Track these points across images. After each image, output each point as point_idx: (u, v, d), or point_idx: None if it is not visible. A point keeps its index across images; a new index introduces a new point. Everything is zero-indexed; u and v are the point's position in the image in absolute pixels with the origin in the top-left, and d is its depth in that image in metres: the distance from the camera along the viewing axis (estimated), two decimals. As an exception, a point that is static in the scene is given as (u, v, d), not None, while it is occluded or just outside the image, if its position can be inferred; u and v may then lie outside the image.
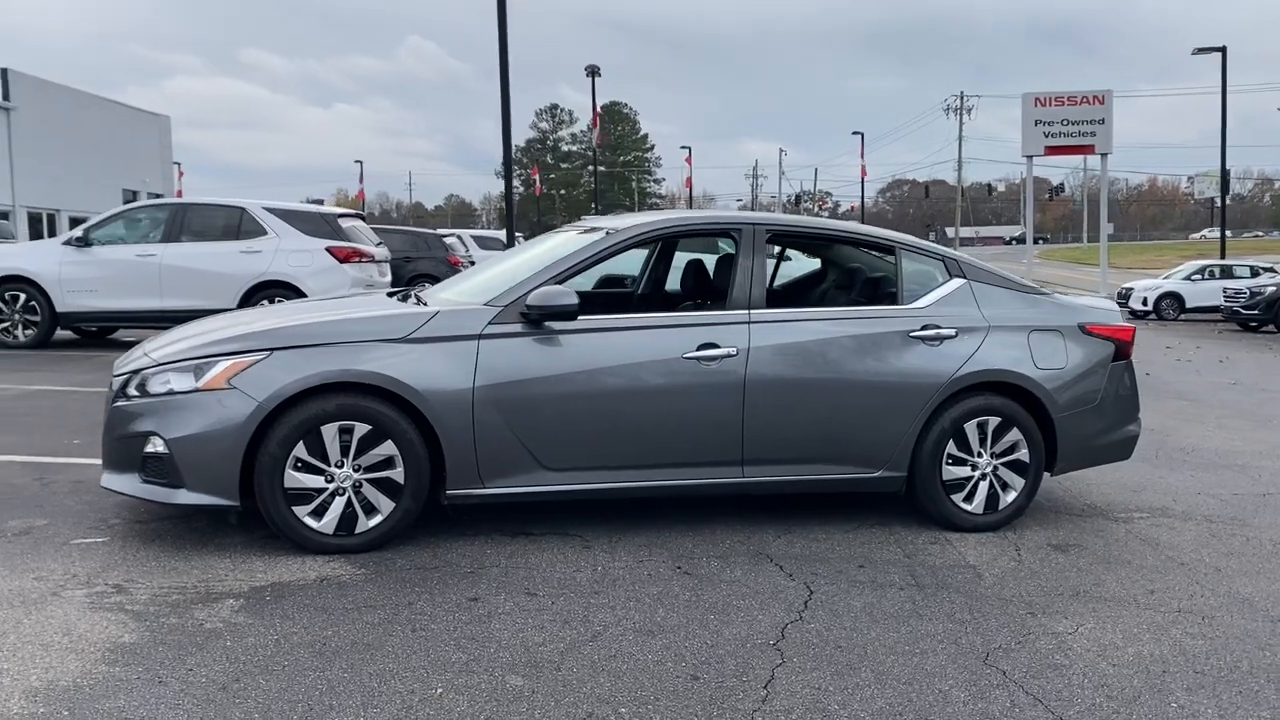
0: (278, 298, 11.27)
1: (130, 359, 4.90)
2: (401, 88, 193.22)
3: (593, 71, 38.38)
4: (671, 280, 6.63)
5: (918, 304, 5.31)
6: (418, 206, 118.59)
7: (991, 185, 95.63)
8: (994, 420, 5.27)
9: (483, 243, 24.23)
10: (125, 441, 4.59)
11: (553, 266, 4.97)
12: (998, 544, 5.14)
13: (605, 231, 5.24)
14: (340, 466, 4.54)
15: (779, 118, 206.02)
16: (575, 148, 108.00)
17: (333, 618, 3.89)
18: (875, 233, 5.75)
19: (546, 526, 5.11)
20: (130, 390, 4.64)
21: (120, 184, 46.79)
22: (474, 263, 20.56)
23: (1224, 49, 31.37)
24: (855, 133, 56.93)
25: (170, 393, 4.52)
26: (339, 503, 4.55)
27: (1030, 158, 34.04)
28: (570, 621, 3.94)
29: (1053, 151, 33.99)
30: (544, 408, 4.73)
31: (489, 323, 4.73)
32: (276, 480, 4.46)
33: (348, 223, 12.76)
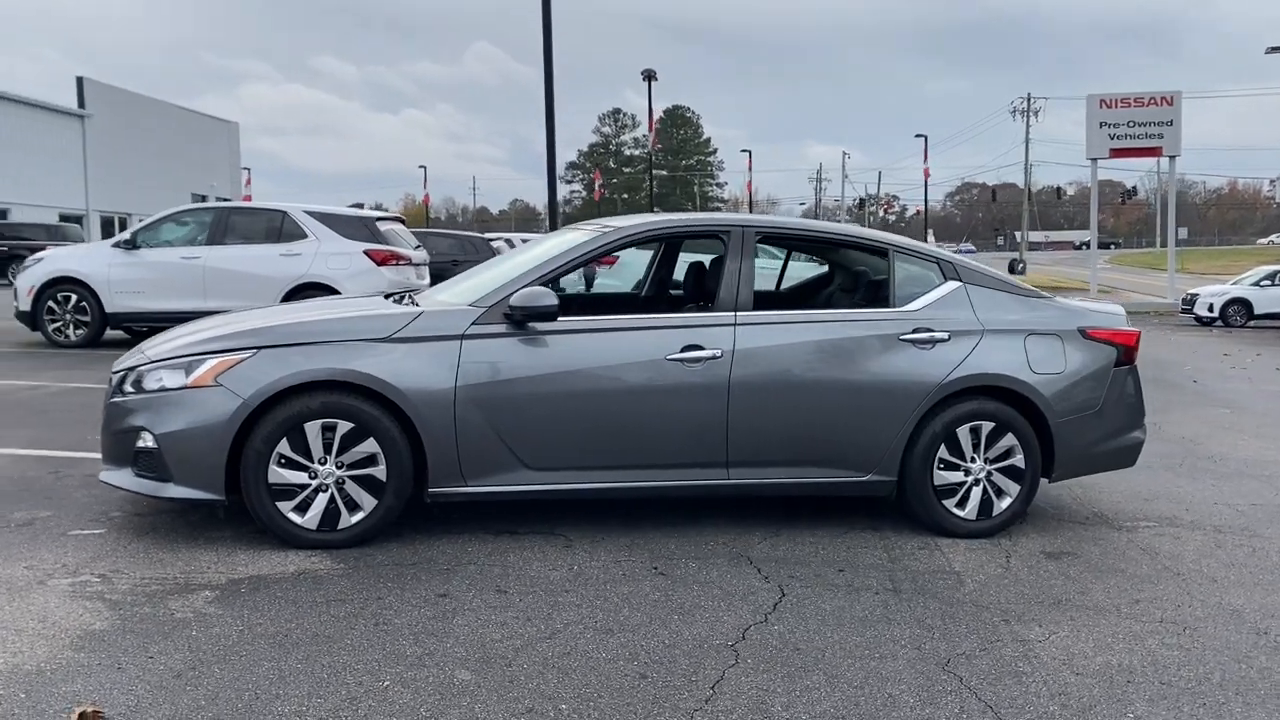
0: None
1: (129, 357, 5.05)
2: (467, 93, 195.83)
3: (649, 75, 38.49)
4: (676, 283, 6.65)
5: (910, 307, 5.26)
6: (482, 211, 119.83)
7: (1061, 189, 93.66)
8: (988, 425, 5.20)
9: (532, 246, 24.35)
10: (119, 436, 4.74)
11: (539, 268, 5.02)
12: (988, 551, 5.07)
13: (594, 233, 5.28)
14: (323, 463, 4.63)
15: (844, 121, 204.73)
16: (637, 152, 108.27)
17: (301, 610, 3.97)
18: (868, 235, 5.71)
19: (532, 525, 5.16)
20: (126, 387, 4.78)
21: (190, 188, 48.04)
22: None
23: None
24: (918, 135, 56.22)
25: (162, 389, 4.65)
26: (322, 499, 4.65)
27: (1095, 160, 33.51)
28: (533, 619, 3.97)
29: (1118, 154, 33.51)
30: (526, 407, 4.78)
31: (472, 323, 4.80)
32: (261, 476, 4.57)
33: (386, 226, 12.96)
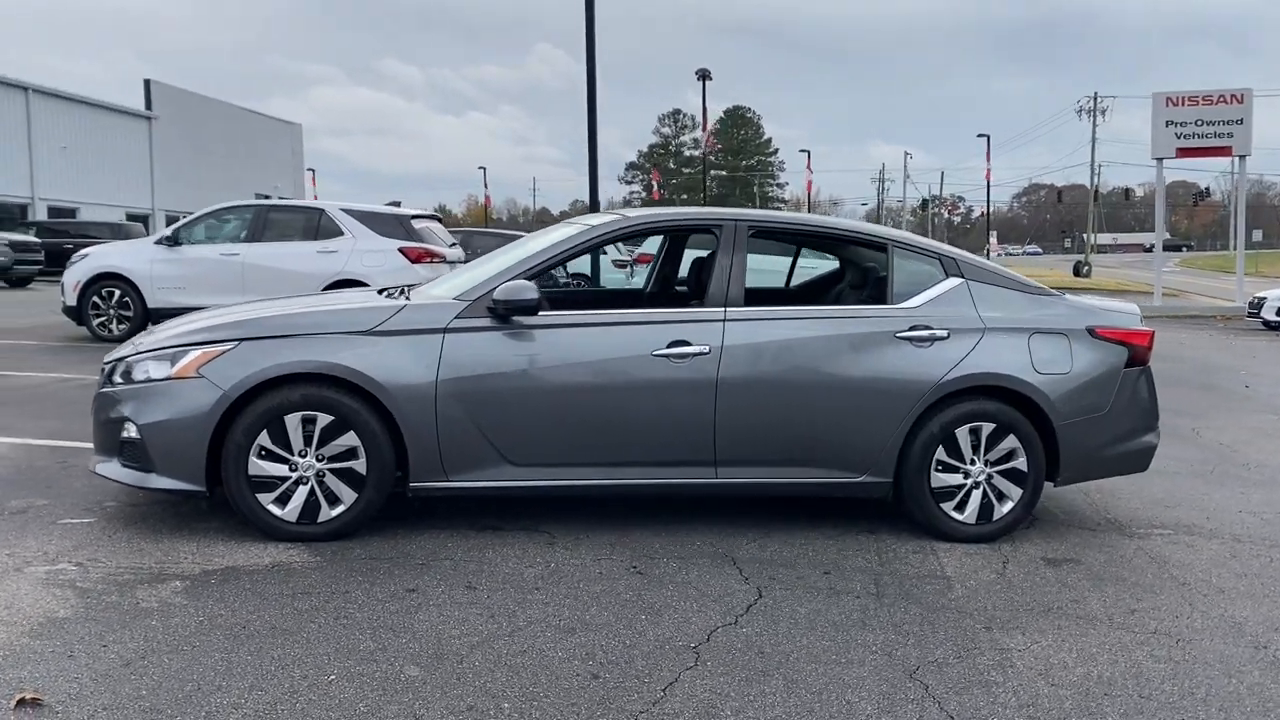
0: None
1: (122, 348, 5.10)
2: (529, 95, 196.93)
3: (703, 75, 38.34)
4: (684, 279, 6.56)
5: (908, 304, 5.11)
6: (543, 211, 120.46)
7: (1130, 190, 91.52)
8: (988, 426, 5.03)
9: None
10: (107, 427, 4.78)
11: (523, 262, 4.97)
12: (986, 556, 4.90)
13: (579, 228, 5.21)
14: (303, 456, 4.62)
15: (907, 121, 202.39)
16: (696, 152, 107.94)
17: (265, 602, 3.96)
18: (868, 230, 5.56)
19: (518, 522, 5.11)
20: (116, 378, 4.82)
21: (253, 188, 48.93)
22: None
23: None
24: (980, 135, 55.22)
25: (148, 380, 4.68)
26: (302, 491, 4.64)
27: (1160, 161, 32.59)
28: (496, 616, 3.92)
29: (1185, 154, 32.52)
30: (508, 402, 4.72)
31: (455, 317, 4.76)
32: (241, 468, 4.57)
33: (421, 224, 13.04)
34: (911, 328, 5.01)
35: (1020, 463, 5.06)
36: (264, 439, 4.57)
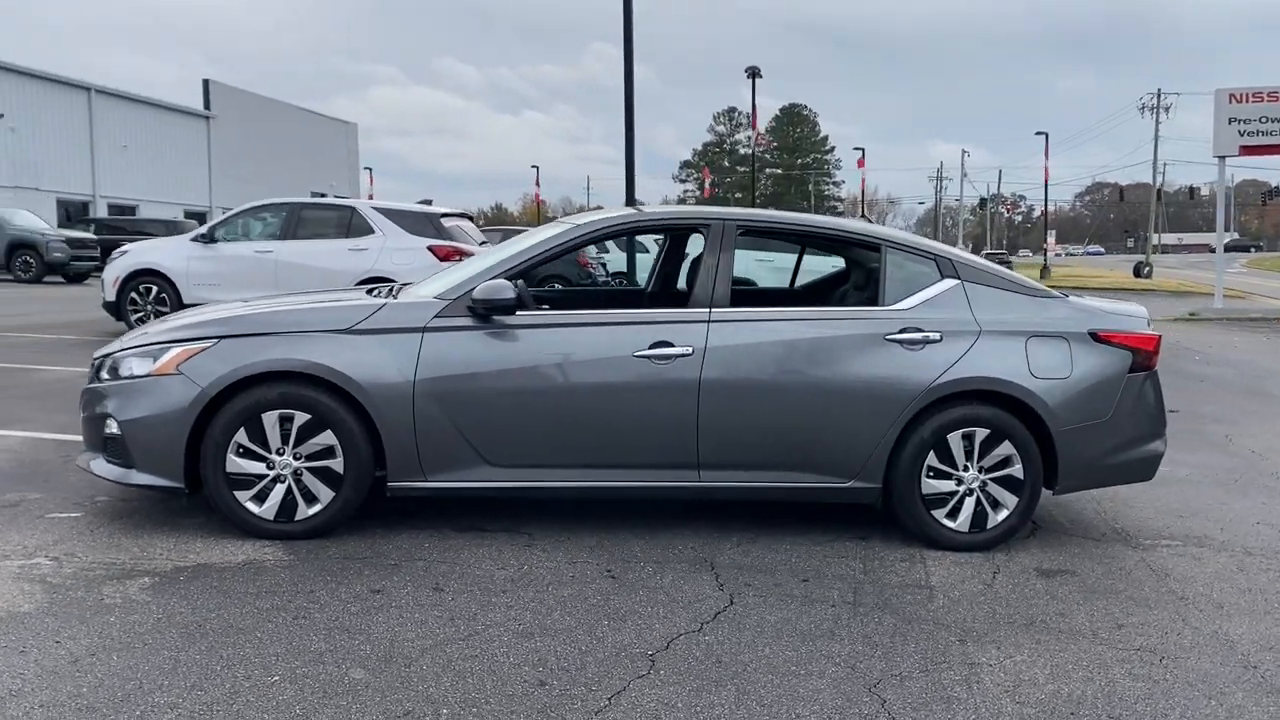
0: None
1: (112, 344, 5.14)
2: (584, 94, 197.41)
3: (753, 73, 38.10)
4: (682, 277, 6.48)
5: (900, 305, 4.97)
6: (596, 210, 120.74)
7: (1195, 188, 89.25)
8: (982, 432, 4.88)
9: (618, 243, 24.25)
10: (92, 422, 4.83)
11: (505, 261, 4.93)
12: (977, 565, 4.76)
13: (565, 227, 5.16)
14: (281, 454, 4.62)
15: (966, 119, 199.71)
16: (750, 150, 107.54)
17: (228, 600, 3.96)
18: (861, 229, 5.42)
19: (501, 523, 5.06)
20: (103, 373, 4.87)
21: (309, 187, 49.53)
22: (604, 264, 20.69)
23: None
24: (1039, 133, 54.18)
25: (131, 376, 4.72)
26: (279, 489, 4.64)
27: (1223, 159, 31.66)
28: (456, 619, 3.87)
29: (1248, 151, 31.51)
30: (487, 402, 4.68)
31: (435, 316, 4.73)
32: (219, 465, 4.58)
33: (450, 222, 13.08)
34: (902, 330, 4.88)
35: (1016, 470, 4.91)
36: (242, 437, 4.58)
